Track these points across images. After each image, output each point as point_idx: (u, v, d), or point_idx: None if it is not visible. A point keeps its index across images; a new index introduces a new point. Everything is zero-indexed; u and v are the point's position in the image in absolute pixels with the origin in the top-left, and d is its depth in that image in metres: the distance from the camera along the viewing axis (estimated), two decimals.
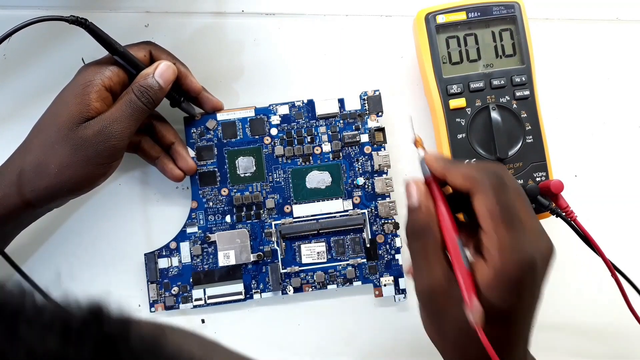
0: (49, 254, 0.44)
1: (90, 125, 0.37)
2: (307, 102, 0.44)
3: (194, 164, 0.43)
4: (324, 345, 0.44)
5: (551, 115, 0.45)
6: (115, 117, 0.37)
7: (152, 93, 0.38)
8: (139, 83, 0.38)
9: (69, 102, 0.37)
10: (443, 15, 0.42)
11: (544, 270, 0.31)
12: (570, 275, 0.45)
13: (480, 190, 0.30)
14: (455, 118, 0.41)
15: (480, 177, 0.31)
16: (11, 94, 0.46)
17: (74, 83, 0.38)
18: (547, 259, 0.31)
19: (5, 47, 0.45)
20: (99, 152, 0.37)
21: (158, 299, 0.43)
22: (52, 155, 0.37)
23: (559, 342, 0.45)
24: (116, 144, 0.37)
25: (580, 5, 0.48)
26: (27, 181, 0.37)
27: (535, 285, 0.31)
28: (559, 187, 0.38)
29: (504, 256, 0.29)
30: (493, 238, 0.30)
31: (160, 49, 0.41)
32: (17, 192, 0.37)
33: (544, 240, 0.31)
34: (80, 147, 0.37)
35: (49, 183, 0.37)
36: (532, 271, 0.30)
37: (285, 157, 0.44)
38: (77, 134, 0.37)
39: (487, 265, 0.30)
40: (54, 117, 0.38)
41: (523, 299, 0.30)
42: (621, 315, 0.40)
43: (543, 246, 0.31)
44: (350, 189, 0.44)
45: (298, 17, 0.47)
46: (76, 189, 0.38)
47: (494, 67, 0.42)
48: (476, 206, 0.30)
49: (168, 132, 0.42)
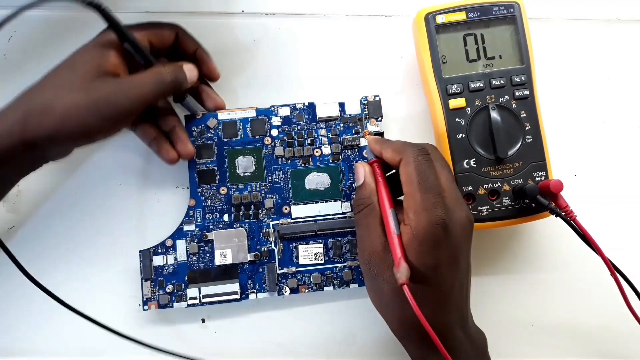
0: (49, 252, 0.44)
1: (109, 81, 0.37)
2: (308, 105, 0.44)
3: (192, 148, 0.42)
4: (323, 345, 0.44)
5: (551, 115, 0.45)
6: (137, 81, 0.37)
7: (181, 76, 0.39)
8: (171, 64, 0.39)
9: (88, 54, 0.37)
10: (443, 15, 0.42)
11: (462, 238, 0.34)
12: (570, 275, 0.45)
13: (404, 161, 0.35)
14: (455, 118, 0.41)
15: (405, 149, 0.35)
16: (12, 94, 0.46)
17: (93, 42, 0.38)
18: (464, 227, 0.34)
19: (5, 47, 0.46)
20: (110, 106, 0.36)
21: (152, 297, 0.43)
22: (63, 97, 0.36)
23: (559, 342, 0.45)
24: (128, 105, 0.36)
25: (580, 5, 0.48)
26: (32, 120, 0.36)
27: (452, 248, 0.33)
28: (558, 186, 0.38)
29: (417, 217, 0.33)
30: (409, 201, 0.34)
31: (186, 33, 0.41)
32: (20, 130, 0.35)
33: (461, 209, 0.34)
34: (93, 96, 0.36)
35: (53, 124, 0.36)
36: (446, 233, 0.33)
37: (285, 158, 0.44)
38: (93, 85, 0.36)
39: (406, 227, 0.34)
40: (70, 65, 0.37)
41: (440, 259, 0.33)
42: (621, 315, 0.40)
43: (460, 214, 0.34)
44: (348, 191, 0.44)
45: (298, 17, 0.47)
46: (74, 135, 0.37)
47: (494, 67, 0.42)
48: (400, 175, 0.35)
49: (172, 116, 0.43)
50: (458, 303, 0.35)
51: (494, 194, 0.41)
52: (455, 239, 0.34)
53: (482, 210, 0.41)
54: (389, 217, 0.35)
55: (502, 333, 0.45)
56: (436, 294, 0.34)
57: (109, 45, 0.38)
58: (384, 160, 0.37)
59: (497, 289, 0.45)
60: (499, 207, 0.41)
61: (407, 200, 0.34)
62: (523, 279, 0.46)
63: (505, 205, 0.41)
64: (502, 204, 0.41)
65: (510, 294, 0.45)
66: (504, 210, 0.41)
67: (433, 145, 0.37)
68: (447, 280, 0.34)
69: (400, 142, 0.37)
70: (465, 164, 0.41)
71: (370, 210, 0.36)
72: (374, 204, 0.36)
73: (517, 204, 0.41)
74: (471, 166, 0.41)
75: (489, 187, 0.41)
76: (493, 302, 0.45)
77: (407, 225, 0.34)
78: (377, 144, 0.38)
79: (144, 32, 0.39)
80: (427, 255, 0.33)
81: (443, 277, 0.34)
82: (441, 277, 0.34)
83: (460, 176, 0.41)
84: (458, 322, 0.35)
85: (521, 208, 0.41)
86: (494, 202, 0.41)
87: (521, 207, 0.41)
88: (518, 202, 0.41)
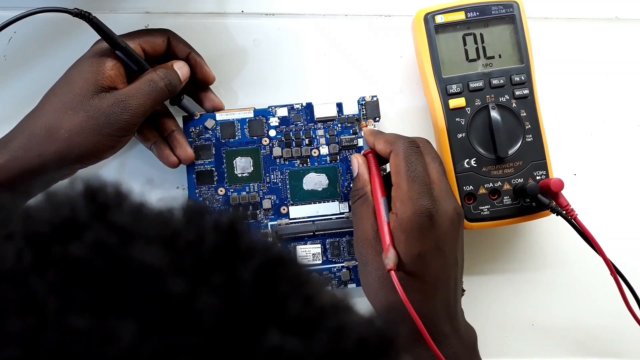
0: None
1: (107, 97, 0.37)
2: (306, 105, 0.44)
3: (192, 153, 0.42)
4: None
5: (550, 114, 0.45)
6: (133, 93, 0.37)
7: (174, 78, 0.39)
8: (161, 66, 0.39)
9: (84, 69, 0.38)
10: (442, 15, 0.42)
11: (449, 230, 0.35)
12: (570, 274, 0.45)
13: (394, 152, 0.36)
14: (455, 118, 0.41)
15: (396, 141, 0.36)
16: (12, 95, 0.46)
17: (88, 53, 0.39)
18: (451, 219, 0.35)
19: (5, 48, 0.46)
20: (111, 124, 0.37)
21: None
22: (64, 120, 0.36)
23: (559, 342, 0.45)
24: (129, 119, 0.37)
25: (579, 4, 0.48)
26: (37, 145, 0.36)
27: (438, 239, 0.34)
28: (559, 185, 0.38)
29: (403, 205, 0.34)
30: (397, 190, 0.35)
31: (178, 37, 0.41)
32: (25, 155, 0.36)
33: (449, 202, 0.35)
34: (93, 115, 0.37)
35: (58, 148, 0.36)
36: (431, 222, 0.34)
37: (283, 159, 0.44)
38: (91, 103, 0.37)
39: (393, 215, 0.35)
40: (68, 83, 0.38)
41: (424, 248, 0.34)
42: (621, 315, 0.40)
43: (447, 206, 0.35)
44: (346, 192, 0.43)
45: (298, 17, 0.47)
46: (84, 157, 0.38)
47: (493, 66, 0.42)
48: (390, 165, 0.36)
49: (170, 119, 0.43)
50: (444, 296, 0.35)
51: (494, 193, 0.41)
52: (440, 230, 0.34)
53: (483, 209, 0.41)
54: (380, 205, 0.36)
55: (502, 333, 0.45)
56: (420, 283, 0.34)
57: (103, 56, 0.38)
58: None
59: (497, 288, 0.45)
60: (500, 207, 0.41)
61: (395, 190, 0.35)
62: (523, 278, 0.45)
63: (506, 204, 0.41)
64: (503, 203, 0.41)
65: (510, 293, 0.45)
66: (504, 209, 0.41)
67: (426, 139, 0.38)
68: (431, 270, 0.35)
69: (392, 134, 0.38)
70: (466, 163, 0.41)
71: (363, 200, 0.38)
72: (367, 194, 0.38)
73: (517, 203, 0.41)
74: (472, 166, 0.41)
75: (490, 186, 0.41)
76: (493, 301, 0.45)
77: (394, 214, 0.35)
78: (371, 135, 0.39)
79: (136, 39, 0.40)
80: (411, 243, 0.34)
81: (427, 267, 0.34)
82: (425, 267, 0.34)
83: (461, 176, 0.41)
84: (445, 315, 0.35)
85: (522, 207, 0.41)
86: (494, 201, 0.41)
87: (522, 206, 0.41)
88: (519, 201, 0.41)
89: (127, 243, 0.14)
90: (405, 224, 0.34)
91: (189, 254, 0.15)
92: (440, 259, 0.35)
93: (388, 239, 0.35)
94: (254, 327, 0.14)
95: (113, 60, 0.38)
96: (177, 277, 0.14)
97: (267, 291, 0.15)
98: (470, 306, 0.39)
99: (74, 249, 0.14)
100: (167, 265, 0.14)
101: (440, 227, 0.34)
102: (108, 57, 0.38)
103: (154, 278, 0.14)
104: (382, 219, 0.36)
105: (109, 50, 0.38)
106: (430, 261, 0.34)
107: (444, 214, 0.35)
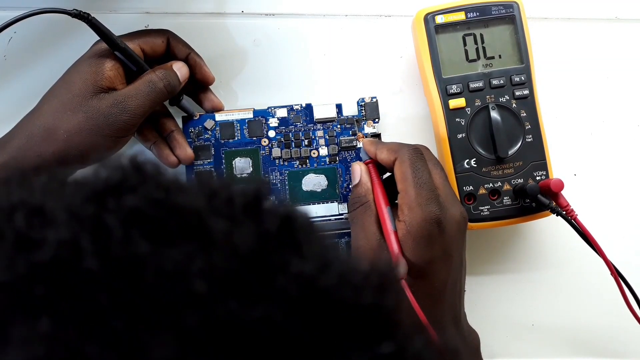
0: None
1: (106, 98, 0.37)
2: (306, 106, 0.44)
3: (192, 153, 0.42)
4: None
5: (550, 115, 0.45)
6: (132, 94, 0.37)
7: (173, 79, 0.39)
8: (160, 67, 0.39)
9: (83, 70, 0.38)
10: (442, 16, 0.42)
11: (456, 235, 0.35)
12: (570, 274, 0.45)
13: (399, 159, 0.36)
14: (455, 118, 0.41)
15: (400, 149, 0.36)
16: (12, 95, 0.46)
17: (87, 53, 0.39)
18: (458, 224, 0.35)
19: (5, 48, 0.46)
20: (110, 124, 0.37)
21: None
22: (63, 121, 0.36)
23: (559, 342, 0.45)
24: (128, 119, 0.37)
25: (579, 5, 0.48)
26: (35, 145, 0.36)
27: (446, 244, 0.34)
28: (559, 185, 0.38)
29: (411, 212, 0.34)
30: (404, 197, 0.35)
31: (177, 38, 0.41)
32: (24, 156, 0.36)
33: (455, 206, 0.35)
34: (92, 116, 0.37)
35: (57, 148, 0.36)
36: (439, 229, 0.34)
37: (282, 160, 0.44)
38: (90, 104, 0.37)
39: (400, 223, 0.35)
40: (67, 84, 0.38)
41: (434, 255, 0.34)
42: (621, 315, 0.40)
43: (453, 212, 0.35)
44: (345, 193, 0.43)
45: (298, 18, 0.47)
46: (83, 158, 0.37)
47: (493, 66, 0.42)
48: (395, 173, 0.36)
49: (169, 120, 0.43)
50: (451, 300, 0.36)
51: (494, 194, 0.41)
52: (448, 235, 0.34)
53: (483, 210, 0.41)
54: (385, 214, 0.36)
55: (502, 333, 0.45)
56: (429, 289, 0.34)
57: (102, 56, 0.38)
58: (378, 163, 0.38)
59: (497, 288, 0.45)
60: (500, 207, 0.41)
61: (402, 197, 0.35)
62: (523, 278, 0.45)
63: (506, 204, 0.41)
64: (503, 203, 0.41)
65: (510, 293, 0.45)
66: (504, 209, 0.41)
67: (425, 146, 0.38)
68: (440, 276, 0.35)
69: (394, 142, 0.38)
70: (466, 163, 0.41)
71: (365, 208, 0.37)
72: (369, 202, 0.37)
73: (517, 203, 0.41)
74: (472, 166, 0.41)
75: (490, 186, 0.41)
76: (493, 301, 0.45)
77: (401, 222, 0.35)
78: (371, 145, 0.39)
79: (136, 40, 0.40)
80: (421, 250, 0.34)
81: (436, 272, 0.34)
82: (434, 273, 0.34)
83: (461, 176, 0.41)
84: (451, 319, 0.36)
85: (522, 207, 0.41)
86: (494, 201, 0.41)
87: (522, 207, 0.41)
88: (519, 201, 0.41)
89: (173, 194, 0.17)
90: (414, 231, 0.34)
91: (224, 207, 0.18)
92: (447, 264, 0.35)
93: (396, 247, 0.34)
94: (281, 257, 0.17)
95: (112, 61, 0.38)
96: (217, 218, 0.17)
97: (287, 234, 0.18)
98: (470, 306, 0.40)
99: (128, 200, 0.16)
100: (207, 209, 0.17)
101: (448, 232, 0.34)
102: (107, 57, 0.38)
103: (197, 218, 0.17)
104: (389, 227, 0.35)
105: (108, 51, 0.38)
106: (438, 267, 0.35)
107: (451, 219, 0.35)
